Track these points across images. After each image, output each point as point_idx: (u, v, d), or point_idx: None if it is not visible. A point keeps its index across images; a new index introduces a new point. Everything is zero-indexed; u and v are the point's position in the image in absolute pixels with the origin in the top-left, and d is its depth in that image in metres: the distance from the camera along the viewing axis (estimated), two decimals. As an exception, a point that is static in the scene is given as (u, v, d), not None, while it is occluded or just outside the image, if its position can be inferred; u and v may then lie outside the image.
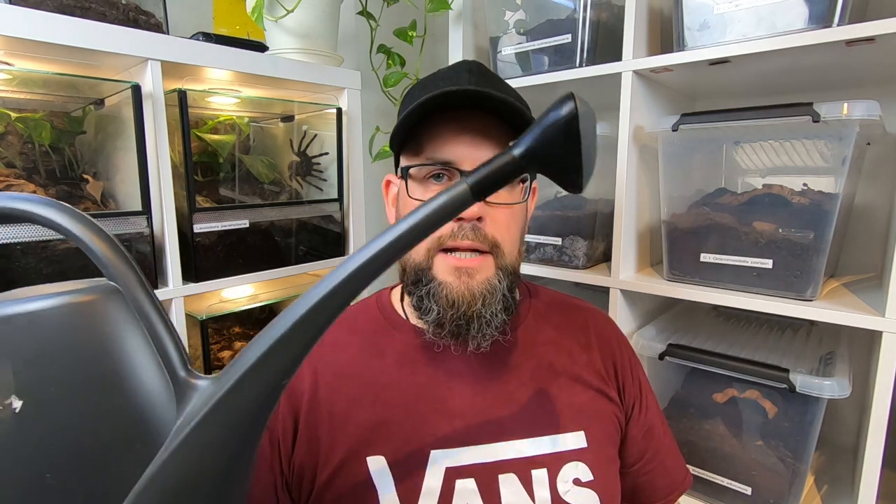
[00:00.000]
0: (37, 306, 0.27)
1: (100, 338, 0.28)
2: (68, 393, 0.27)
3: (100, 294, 0.28)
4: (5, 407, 0.26)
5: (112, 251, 0.29)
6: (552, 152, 0.31)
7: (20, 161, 0.76)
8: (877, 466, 0.69)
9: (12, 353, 0.26)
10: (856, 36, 0.67)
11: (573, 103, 0.30)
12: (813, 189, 0.79)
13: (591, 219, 1.00)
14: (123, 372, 0.28)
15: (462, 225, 0.52)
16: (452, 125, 0.53)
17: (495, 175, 0.31)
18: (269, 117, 1.09)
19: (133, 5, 0.77)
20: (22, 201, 0.28)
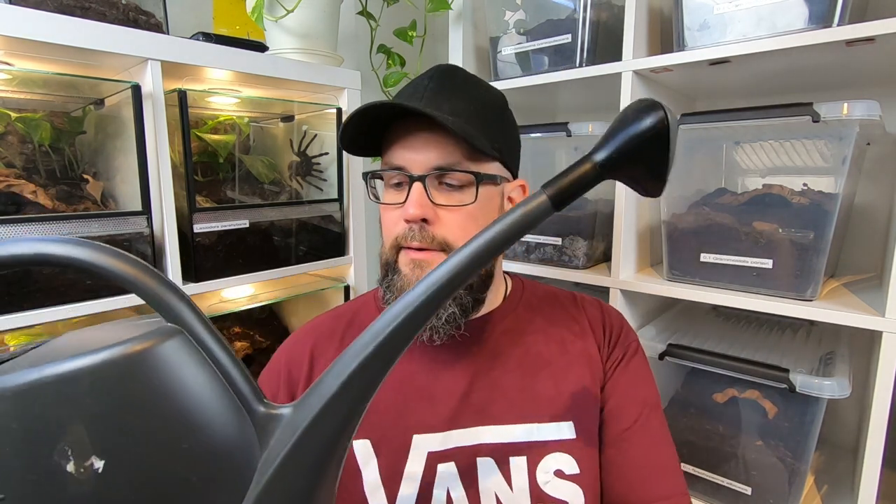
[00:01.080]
0: (100, 359, 0.25)
1: (169, 382, 0.26)
2: (147, 443, 0.26)
3: (162, 337, 0.27)
4: (86, 469, 0.25)
5: (168, 291, 0.28)
6: (636, 162, 0.31)
7: (20, 161, 0.76)
8: (877, 466, 0.69)
9: (83, 412, 0.25)
10: (856, 36, 0.67)
11: (663, 113, 0.30)
12: (813, 189, 0.79)
13: (591, 219, 1.00)
14: (199, 413, 0.27)
15: (411, 227, 0.55)
16: (407, 134, 0.56)
17: (574, 184, 0.31)
18: (269, 117, 1.09)
19: (133, 5, 0.77)
20: (61, 245, 0.26)
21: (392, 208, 0.58)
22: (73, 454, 0.24)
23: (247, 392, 0.29)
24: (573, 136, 0.95)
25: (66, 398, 0.24)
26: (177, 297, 0.28)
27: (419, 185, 0.55)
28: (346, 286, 1.07)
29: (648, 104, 0.30)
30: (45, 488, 0.24)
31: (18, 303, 0.65)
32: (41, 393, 0.24)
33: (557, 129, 0.96)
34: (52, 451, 0.24)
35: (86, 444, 0.24)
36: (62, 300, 0.68)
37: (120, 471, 0.25)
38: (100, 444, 0.25)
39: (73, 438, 0.24)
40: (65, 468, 0.24)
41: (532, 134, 1.00)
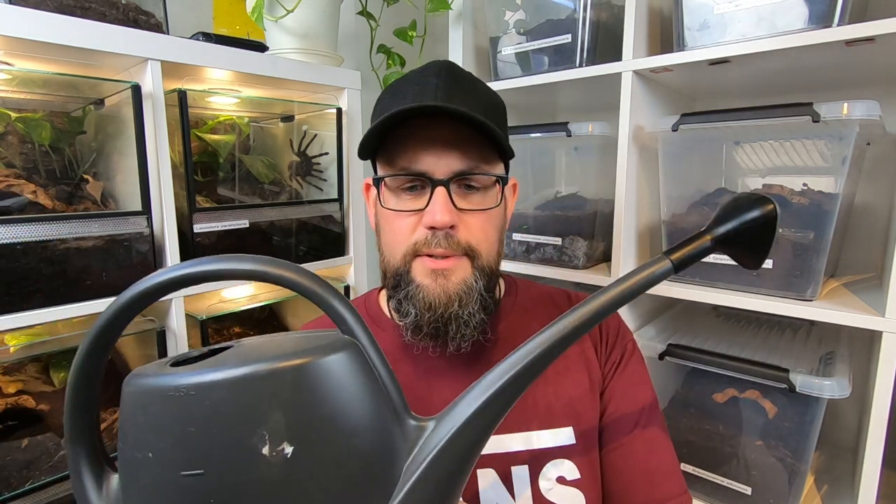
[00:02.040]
0: (299, 361, 0.30)
1: (349, 385, 0.31)
2: (327, 437, 0.30)
3: (345, 348, 0.32)
4: (278, 453, 0.29)
5: (346, 309, 0.33)
6: (744, 242, 0.38)
7: (20, 161, 0.76)
8: (877, 466, 0.69)
9: (282, 404, 0.29)
10: (856, 36, 0.67)
11: (772, 206, 0.37)
12: (813, 189, 0.79)
13: (591, 219, 1.00)
14: (367, 416, 0.31)
15: (435, 233, 0.52)
16: (422, 135, 0.53)
17: (694, 253, 0.39)
18: (269, 117, 1.09)
19: (133, 5, 0.77)
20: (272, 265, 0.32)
21: (406, 215, 0.54)
22: (270, 439, 0.29)
23: (399, 403, 0.34)
24: (573, 136, 0.95)
25: (271, 391, 0.29)
26: (351, 315, 0.33)
27: (443, 189, 0.52)
28: (346, 286, 1.07)
29: (762, 198, 0.38)
30: (240, 466, 0.29)
31: (18, 303, 0.65)
32: (252, 385, 0.29)
33: (557, 129, 0.96)
34: (252, 434, 0.29)
35: (281, 430, 0.29)
36: (62, 300, 0.68)
37: (304, 457, 0.29)
38: (292, 432, 0.29)
39: (272, 426, 0.29)
40: (260, 450, 0.28)
41: (532, 134, 1.00)
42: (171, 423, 0.29)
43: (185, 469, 0.29)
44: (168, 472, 0.29)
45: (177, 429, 0.29)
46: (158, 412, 0.29)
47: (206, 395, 0.29)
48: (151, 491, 0.30)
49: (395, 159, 0.55)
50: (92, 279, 0.71)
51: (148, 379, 0.30)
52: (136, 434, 0.30)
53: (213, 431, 0.29)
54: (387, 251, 0.57)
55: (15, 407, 0.75)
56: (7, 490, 0.66)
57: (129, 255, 0.74)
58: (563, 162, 1.07)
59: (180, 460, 0.29)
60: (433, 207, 0.52)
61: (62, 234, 0.68)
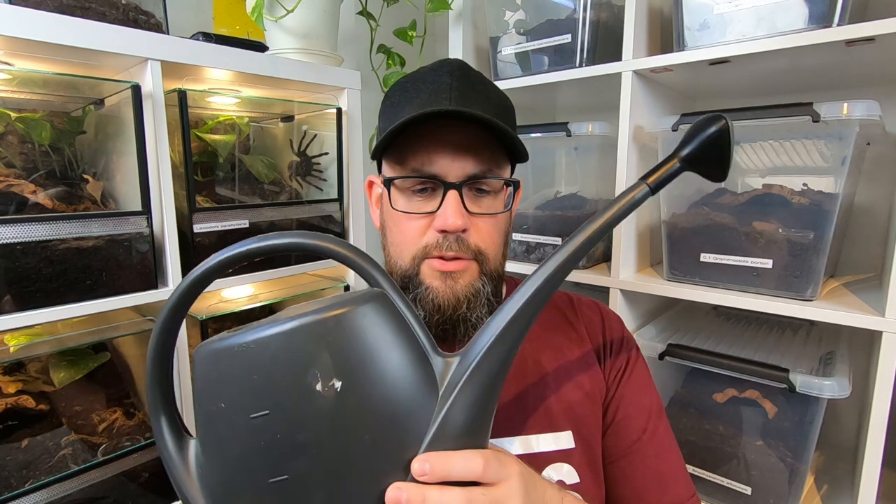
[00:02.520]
0: (341, 310, 0.35)
1: (384, 327, 0.36)
2: (369, 373, 0.35)
3: (376, 298, 0.37)
4: (329, 388, 0.33)
5: (373, 267, 0.39)
6: (708, 156, 0.43)
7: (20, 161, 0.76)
8: (877, 466, 0.69)
9: (329, 346, 0.34)
10: (856, 36, 0.67)
11: (725, 121, 0.42)
12: (813, 189, 0.79)
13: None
14: (402, 352, 0.36)
15: (447, 236, 0.52)
16: (435, 137, 0.52)
17: (666, 175, 0.43)
18: (269, 117, 1.09)
19: (133, 5, 0.77)
20: (303, 237, 0.38)
21: (417, 217, 0.54)
22: (321, 377, 0.34)
23: (427, 343, 0.38)
24: (573, 136, 0.95)
25: (318, 336, 0.34)
26: (376, 270, 0.39)
27: (455, 193, 0.52)
28: (345, 286, 1.07)
29: (715, 116, 0.43)
30: (299, 403, 0.34)
31: (18, 303, 0.65)
32: (301, 333, 0.34)
33: (557, 129, 0.96)
34: (306, 374, 0.33)
35: (330, 368, 0.34)
36: (62, 300, 0.68)
37: (352, 391, 0.34)
38: (340, 369, 0.34)
39: (322, 365, 0.34)
40: (314, 387, 0.33)
41: (532, 134, 1.00)
42: (239, 375, 0.34)
43: (253, 412, 0.34)
44: (239, 416, 0.34)
45: (244, 379, 0.34)
46: (227, 367, 0.35)
47: (265, 346, 0.34)
48: (227, 437, 0.35)
49: (406, 160, 0.54)
50: (92, 279, 0.71)
51: (215, 343, 0.36)
52: (209, 390, 0.36)
53: (273, 376, 0.34)
54: (394, 252, 0.57)
55: (15, 407, 0.74)
56: (7, 490, 0.66)
57: (129, 255, 0.74)
58: (563, 162, 1.07)
59: (249, 405, 0.34)
60: (445, 211, 0.52)
61: (62, 234, 0.68)
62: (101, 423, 0.81)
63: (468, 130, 0.52)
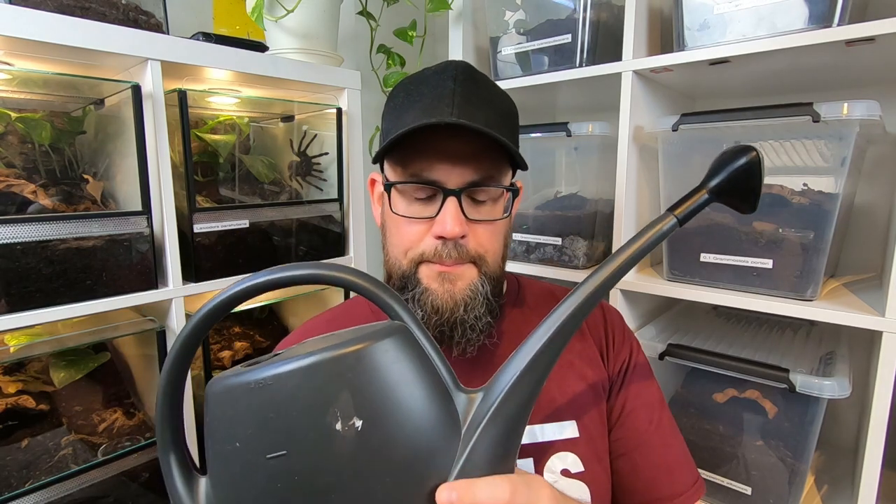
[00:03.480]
0: (362, 344, 0.34)
1: (405, 363, 0.35)
2: (390, 411, 0.33)
3: (397, 332, 0.36)
4: (350, 427, 0.32)
5: (393, 299, 0.37)
6: (738, 188, 0.43)
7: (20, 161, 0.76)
8: (877, 466, 0.69)
9: (349, 384, 0.33)
10: (856, 36, 0.67)
11: (755, 153, 0.42)
12: (813, 189, 0.79)
13: (591, 219, 1.00)
14: (423, 391, 0.35)
15: (445, 243, 0.53)
16: (436, 145, 0.53)
17: (694, 207, 0.43)
18: (269, 117, 1.09)
19: (133, 5, 0.77)
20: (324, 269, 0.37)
21: (416, 222, 0.54)
22: (341, 416, 0.32)
23: (449, 379, 0.37)
24: (573, 136, 0.95)
25: (337, 373, 0.33)
26: (397, 303, 0.37)
27: (454, 200, 0.52)
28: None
29: (745, 147, 0.42)
30: (318, 444, 0.32)
31: (18, 303, 0.65)
32: (320, 370, 0.33)
33: (557, 129, 0.96)
34: (325, 413, 0.32)
35: (350, 407, 0.32)
36: (62, 300, 0.68)
37: (373, 430, 0.33)
38: (361, 408, 0.32)
39: (342, 403, 0.32)
40: (334, 427, 0.32)
41: (532, 134, 1.00)
42: (255, 413, 0.33)
43: (270, 452, 0.32)
44: (255, 457, 0.32)
45: (260, 417, 0.32)
46: (242, 405, 0.33)
47: (283, 383, 0.32)
48: (242, 478, 0.33)
49: (407, 164, 0.54)
50: (92, 279, 0.71)
51: (230, 379, 0.34)
52: (224, 429, 0.34)
53: (291, 415, 0.32)
54: (395, 252, 0.57)
55: (15, 407, 0.75)
56: (7, 490, 0.66)
57: (129, 255, 0.74)
58: (563, 162, 1.07)
59: (265, 445, 0.32)
60: (444, 217, 0.52)
61: (62, 234, 0.68)
62: (101, 423, 0.81)
63: (469, 138, 0.52)
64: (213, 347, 1.00)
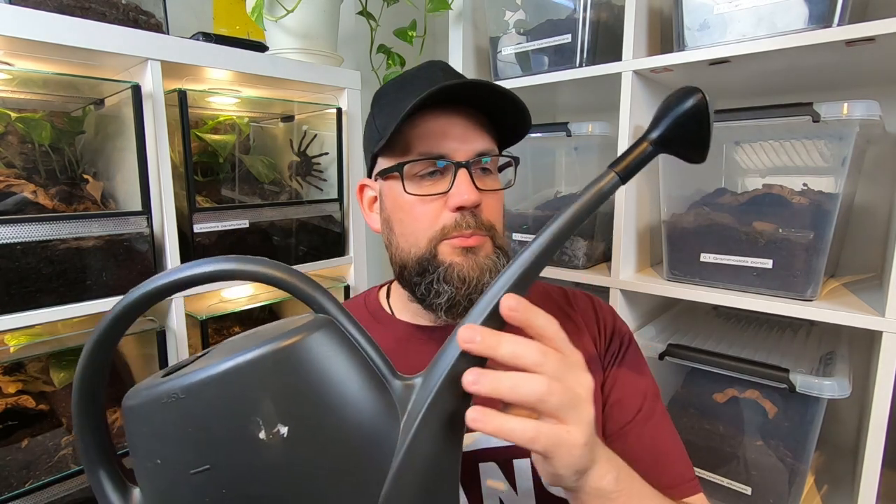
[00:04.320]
0: (278, 346, 0.31)
1: (331, 360, 0.32)
2: (318, 411, 0.31)
3: (322, 325, 0.33)
4: (274, 435, 0.30)
5: (316, 290, 0.34)
6: (683, 136, 0.38)
7: (20, 161, 0.76)
8: (877, 466, 0.69)
9: (269, 389, 0.30)
10: (856, 36, 0.67)
11: (701, 94, 0.36)
12: (813, 189, 0.79)
13: (591, 219, 1.00)
14: (354, 385, 0.33)
15: (464, 214, 0.54)
16: (440, 121, 0.55)
17: (636, 160, 0.38)
18: (269, 117, 1.09)
19: (133, 5, 0.77)
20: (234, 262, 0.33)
21: (430, 199, 0.55)
22: (264, 423, 0.30)
23: (384, 368, 0.34)
24: (573, 136, 0.95)
25: (256, 379, 0.30)
26: (321, 294, 0.34)
27: (465, 171, 0.54)
28: (346, 286, 1.07)
29: (690, 89, 0.37)
30: (242, 455, 0.30)
31: (18, 303, 0.65)
32: (237, 376, 0.30)
33: (557, 129, 0.96)
34: (247, 422, 0.30)
35: (273, 414, 0.30)
36: (62, 300, 0.68)
37: (301, 434, 0.31)
38: (284, 413, 0.30)
39: (264, 410, 0.30)
40: (258, 435, 0.30)
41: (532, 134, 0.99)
42: (172, 428, 0.31)
43: (193, 468, 0.30)
44: (179, 474, 0.31)
45: (178, 432, 0.30)
46: (158, 420, 0.31)
47: (197, 394, 0.30)
48: (168, 495, 0.32)
49: (411, 147, 0.55)
50: (92, 279, 0.71)
51: (142, 392, 0.32)
52: (143, 445, 0.32)
53: (210, 427, 0.30)
54: (406, 243, 0.57)
55: (15, 407, 0.74)
56: (7, 490, 0.66)
57: (129, 255, 0.74)
58: (563, 162, 1.07)
59: (187, 461, 0.30)
60: (460, 188, 0.53)
61: (62, 234, 0.68)
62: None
63: (469, 112, 0.55)
64: (213, 347, 1.00)
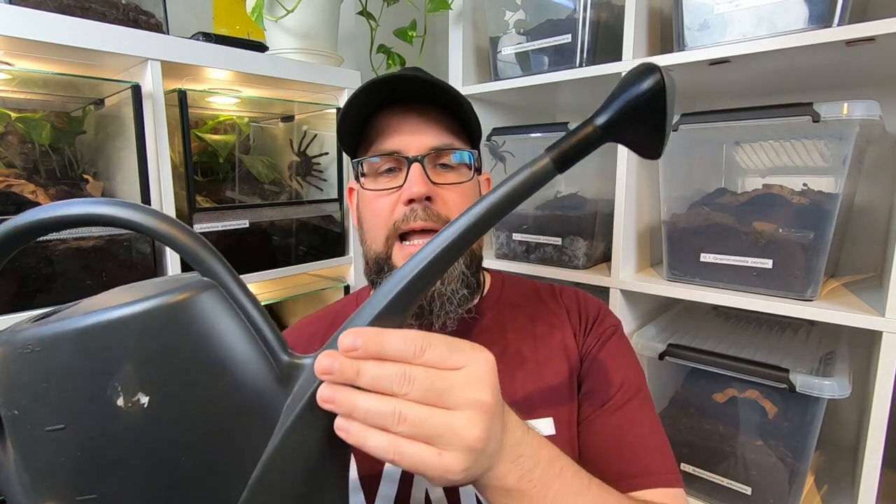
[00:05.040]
0: (145, 307, 0.29)
1: (205, 330, 0.30)
2: (187, 383, 0.29)
3: (199, 289, 0.30)
4: (134, 404, 0.28)
5: (202, 248, 0.31)
6: (636, 123, 0.32)
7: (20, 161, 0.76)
8: (877, 466, 0.69)
9: (131, 354, 0.28)
10: (856, 36, 0.67)
11: (660, 74, 0.30)
12: (813, 189, 0.79)
13: (591, 219, 1.00)
14: (232, 359, 0.30)
15: (413, 207, 0.55)
16: (394, 118, 0.57)
17: (577, 146, 0.32)
18: (269, 117, 1.09)
19: (133, 5, 0.77)
20: (108, 206, 0.30)
21: (385, 194, 0.57)
22: (123, 390, 0.28)
23: (274, 342, 0.31)
24: (573, 136, 0.94)
25: (117, 341, 0.28)
26: (210, 255, 0.31)
27: (418, 165, 0.55)
28: (346, 286, 1.07)
29: (647, 67, 0.30)
30: (99, 420, 0.28)
31: (18, 303, 0.65)
32: (97, 335, 0.28)
33: (557, 129, 0.95)
34: (105, 387, 0.28)
35: (134, 381, 0.28)
36: (62, 300, 0.68)
37: (163, 406, 0.28)
38: (146, 382, 0.28)
39: (123, 376, 0.28)
40: (116, 402, 0.28)
41: (532, 134, 1.00)
42: (27, 381, 0.29)
43: (48, 425, 0.29)
44: (35, 428, 0.29)
45: (33, 386, 0.29)
46: (15, 370, 0.29)
47: (53, 349, 0.28)
48: (27, 447, 0.30)
49: (371, 146, 0.58)
50: (92, 279, 0.71)
51: (4, 336, 0.30)
52: (3, 392, 0.30)
53: (65, 386, 0.28)
54: (370, 237, 0.60)
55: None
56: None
57: (129, 255, 0.74)
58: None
59: (42, 417, 0.29)
60: (409, 181, 0.55)
61: (62, 234, 0.68)
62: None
63: (424, 109, 0.56)
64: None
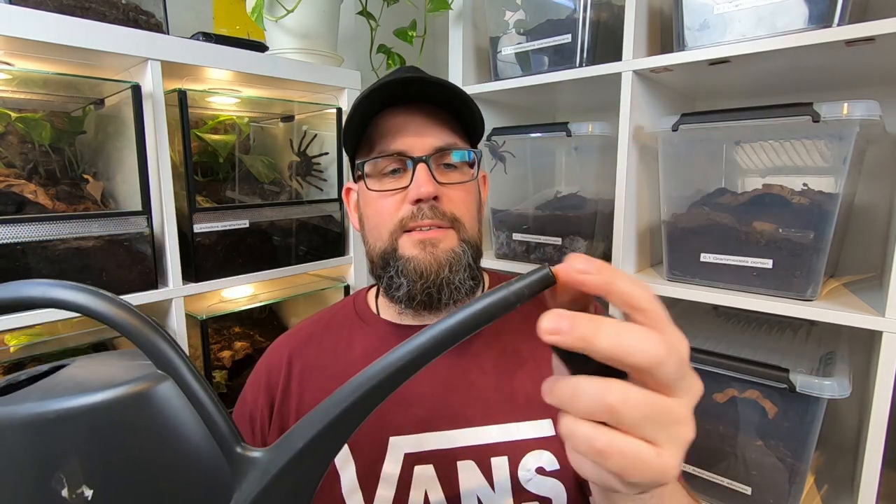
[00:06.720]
0: (95, 400, 0.28)
1: (157, 424, 0.29)
2: (133, 479, 0.29)
3: (151, 383, 0.30)
4: (77, 496, 0.28)
5: (158, 337, 0.30)
6: None
7: (20, 161, 0.76)
8: (877, 466, 0.69)
9: (78, 446, 0.28)
10: (856, 36, 0.67)
11: None
12: (813, 189, 0.79)
13: (591, 219, 1.00)
14: (182, 454, 0.30)
15: (420, 206, 0.56)
16: (398, 119, 0.57)
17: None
18: (269, 117, 1.09)
19: (133, 5, 0.77)
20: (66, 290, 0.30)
21: (390, 194, 0.57)
22: (68, 482, 0.28)
23: (227, 434, 0.31)
24: (573, 136, 0.95)
25: (64, 433, 0.28)
26: (166, 343, 0.30)
27: (424, 166, 0.55)
28: (346, 286, 1.07)
29: None
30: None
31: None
32: (44, 426, 0.28)
33: (557, 129, 0.96)
34: (50, 478, 0.28)
35: (78, 474, 0.28)
36: (62, 300, 0.68)
37: (107, 500, 0.28)
38: (90, 475, 0.28)
39: (69, 469, 0.28)
40: (60, 493, 0.27)
41: (532, 134, 1.00)
42: None
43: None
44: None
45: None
46: None
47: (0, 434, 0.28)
48: None
49: (374, 147, 0.59)
50: (92, 279, 0.71)
51: None
52: None
53: (10, 472, 0.28)
54: (373, 236, 0.60)
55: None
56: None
57: (129, 255, 0.74)
58: (563, 162, 1.07)
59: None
60: (416, 181, 0.55)
61: (62, 234, 0.68)
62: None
63: (429, 111, 0.57)
64: (213, 347, 1.00)
